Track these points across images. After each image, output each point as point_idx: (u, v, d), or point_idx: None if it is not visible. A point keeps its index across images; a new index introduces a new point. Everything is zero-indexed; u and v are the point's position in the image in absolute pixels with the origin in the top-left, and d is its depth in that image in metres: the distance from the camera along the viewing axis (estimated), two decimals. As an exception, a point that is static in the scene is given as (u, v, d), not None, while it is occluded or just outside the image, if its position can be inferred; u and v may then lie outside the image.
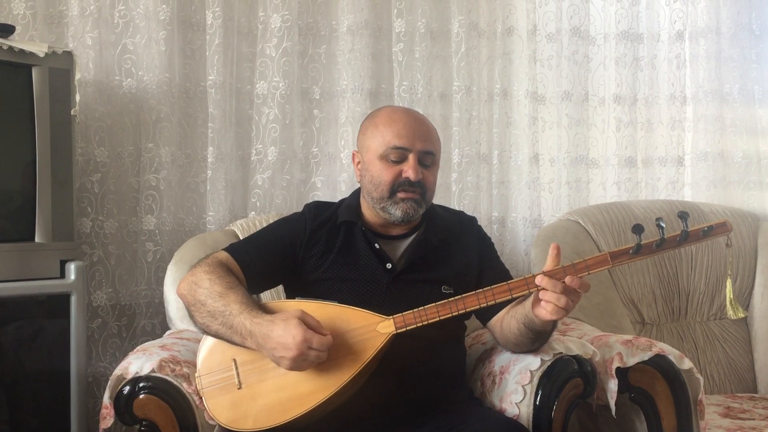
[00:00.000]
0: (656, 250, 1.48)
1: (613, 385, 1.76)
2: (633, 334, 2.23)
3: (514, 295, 1.51)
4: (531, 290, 1.51)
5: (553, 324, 1.60)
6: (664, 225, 1.47)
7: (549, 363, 1.67)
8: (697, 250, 2.44)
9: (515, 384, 1.68)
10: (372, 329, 1.53)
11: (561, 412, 1.66)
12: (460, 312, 1.53)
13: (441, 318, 1.53)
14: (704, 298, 2.44)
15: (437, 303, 1.53)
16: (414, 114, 1.78)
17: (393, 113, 1.75)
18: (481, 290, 1.53)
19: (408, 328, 1.53)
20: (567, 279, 1.45)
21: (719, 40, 2.65)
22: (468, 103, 2.58)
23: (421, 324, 1.53)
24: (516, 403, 1.66)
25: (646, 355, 1.78)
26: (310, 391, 1.50)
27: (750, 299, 2.43)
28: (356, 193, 1.83)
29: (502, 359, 1.78)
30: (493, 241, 1.92)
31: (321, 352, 1.46)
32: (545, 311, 1.48)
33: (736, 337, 2.41)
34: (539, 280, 1.47)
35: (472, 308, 1.53)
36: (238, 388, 1.55)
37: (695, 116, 2.67)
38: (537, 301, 1.50)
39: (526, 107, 2.62)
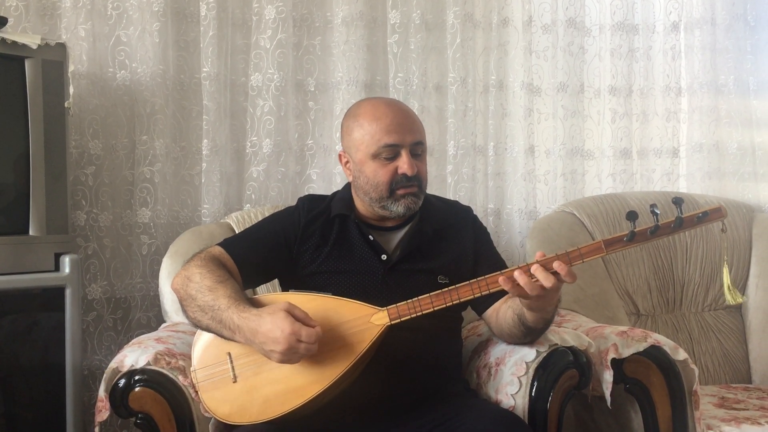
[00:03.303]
0: (651, 237, 1.47)
1: (608, 376, 1.77)
2: (628, 325, 2.24)
3: None
4: None
5: (544, 322, 1.61)
6: (658, 212, 1.47)
7: (544, 354, 1.67)
8: (692, 240, 2.44)
9: (511, 375, 1.68)
10: (366, 321, 1.53)
11: (556, 403, 1.66)
12: (454, 302, 1.53)
13: (435, 308, 1.53)
14: (699, 289, 2.44)
15: (431, 294, 1.53)
16: (396, 105, 1.72)
17: (375, 109, 1.69)
18: (474, 280, 1.52)
19: (402, 319, 1.53)
20: (555, 264, 1.45)
21: (714, 31, 2.64)
22: (463, 95, 2.57)
23: (415, 315, 1.53)
24: (512, 395, 1.67)
25: (641, 346, 1.78)
26: (305, 383, 1.50)
27: (745, 290, 2.43)
28: (348, 186, 1.81)
29: (498, 351, 1.78)
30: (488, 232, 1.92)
31: (310, 344, 1.45)
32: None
33: (730, 327, 2.42)
34: (534, 269, 1.47)
35: (466, 298, 1.53)
36: (234, 382, 1.55)
37: (690, 107, 2.67)
38: None
39: (521, 99, 2.62)
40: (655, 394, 1.79)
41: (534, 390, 1.65)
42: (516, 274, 1.46)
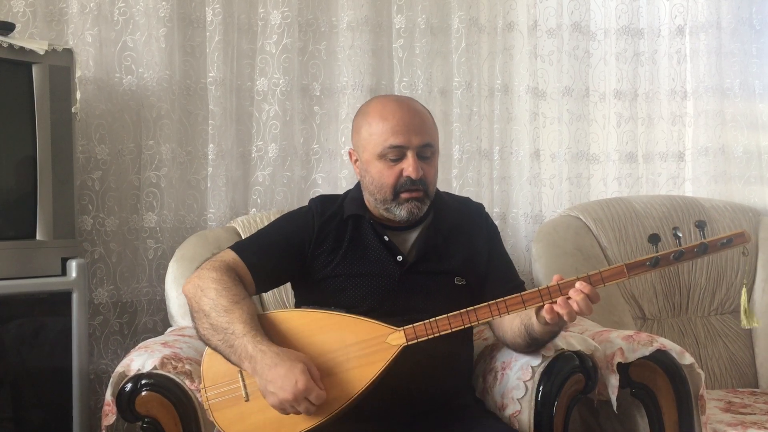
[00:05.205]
0: (674, 262, 1.45)
1: (614, 381, 1.76)
2: (634, 329, 2.23)
3: (527, 307, 1.49)
4: (545, 302, 1.48)
5: (551, 335, 1.60)
6: (681, 235, 1.44)
7: (550, 359, 1.67)
8: (698, 245, 2.44)
9: (517, 380, 1.68)
10: (382, 341, 1.50)
11: (562, 408, 1.66)
12: (472, 324, 1.50)
13: (453, 329, 1.50)
14: (705, 293, 2.43)
15: (449, 315, 1.50)
16: (407, 105, 1.68)
17: (384, 108, 1.66)
18: (494, 302, 1.50)
19: (419, 340, 1.50)
20: (578, 284, 1.44)
21: (720, 34, 2.64)
22: (468, 99, 2.57)
23: (432, 336, 1.50)
24: (517, 399, 1.66)
25: (647, 351, 1.78)
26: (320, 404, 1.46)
27: (751, 294, 2.43)
28: (359, 185, 1.76)
29: (504, 355, 1.78)
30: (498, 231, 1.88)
31: (311, 406, 1.42)
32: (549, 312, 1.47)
33: (737, 332, 2.41)
34: (560, 302, 1.45)
35: (485, 320, 1.51)
36: (246, 401, 1.51)
37: (696, 111, 2.67)
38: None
39: (526, 103, 2.62)
40: (661, 399, 1.79)
41: (540, 394, 1.65)
42: (557, 308, 1.45)
